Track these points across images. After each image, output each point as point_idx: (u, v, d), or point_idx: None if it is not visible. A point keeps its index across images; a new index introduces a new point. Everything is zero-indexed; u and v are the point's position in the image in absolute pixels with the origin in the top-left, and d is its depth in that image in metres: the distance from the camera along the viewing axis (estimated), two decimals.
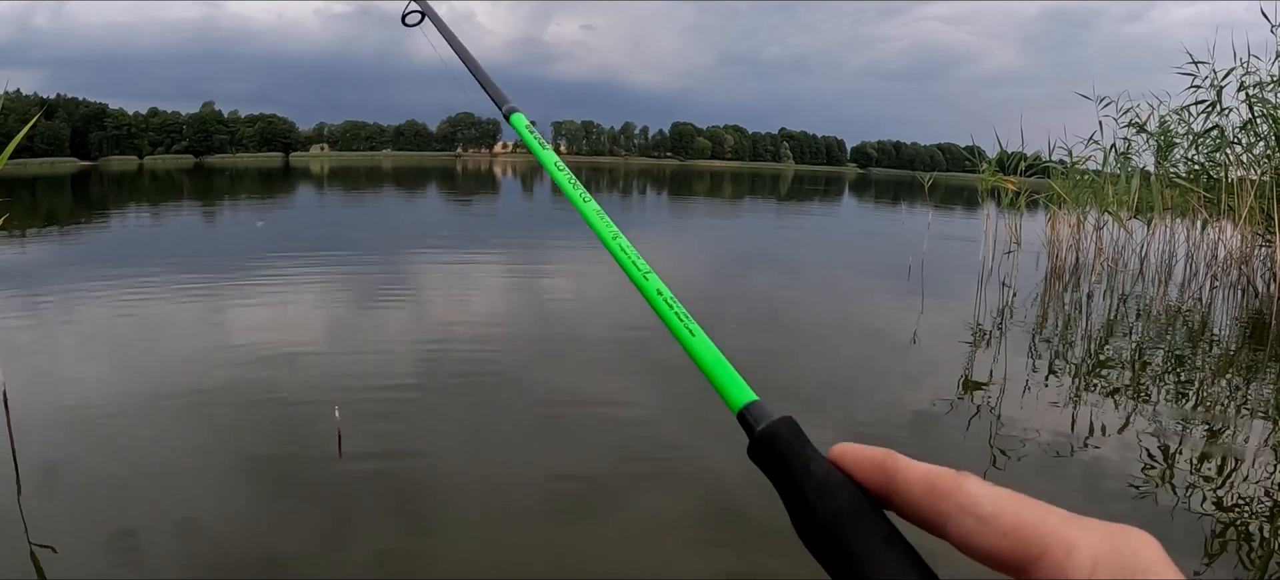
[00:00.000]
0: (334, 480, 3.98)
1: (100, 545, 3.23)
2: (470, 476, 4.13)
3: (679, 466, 4.29)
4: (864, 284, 11.66)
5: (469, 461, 4.32)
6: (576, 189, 0.90)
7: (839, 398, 5.69)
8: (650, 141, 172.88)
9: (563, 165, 0.93)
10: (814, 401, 5.57)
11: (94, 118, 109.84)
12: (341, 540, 3.35)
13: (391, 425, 4.76)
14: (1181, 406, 5.69)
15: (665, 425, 4.85)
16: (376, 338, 6.98)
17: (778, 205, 32.37)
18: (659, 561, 3.28)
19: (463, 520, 3.62)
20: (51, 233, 15.93)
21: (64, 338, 6.88)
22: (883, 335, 7.84)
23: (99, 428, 4.57)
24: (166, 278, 9.69)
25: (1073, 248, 12.65)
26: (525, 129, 1.00)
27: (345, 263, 11.70)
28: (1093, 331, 8.15)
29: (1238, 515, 3.84)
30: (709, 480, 4.07)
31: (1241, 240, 11.22)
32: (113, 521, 3.42)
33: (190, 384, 5.39)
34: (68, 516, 3.50)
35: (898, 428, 4.94)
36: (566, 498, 3.87)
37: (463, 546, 3.36)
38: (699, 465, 4.28)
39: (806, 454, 0.58)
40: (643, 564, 3.27)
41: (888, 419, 5.13)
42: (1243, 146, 11.85)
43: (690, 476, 4.17)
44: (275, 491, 3.86)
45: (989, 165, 13.09)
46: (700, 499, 3.89)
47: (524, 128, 1.01)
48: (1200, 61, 12.11)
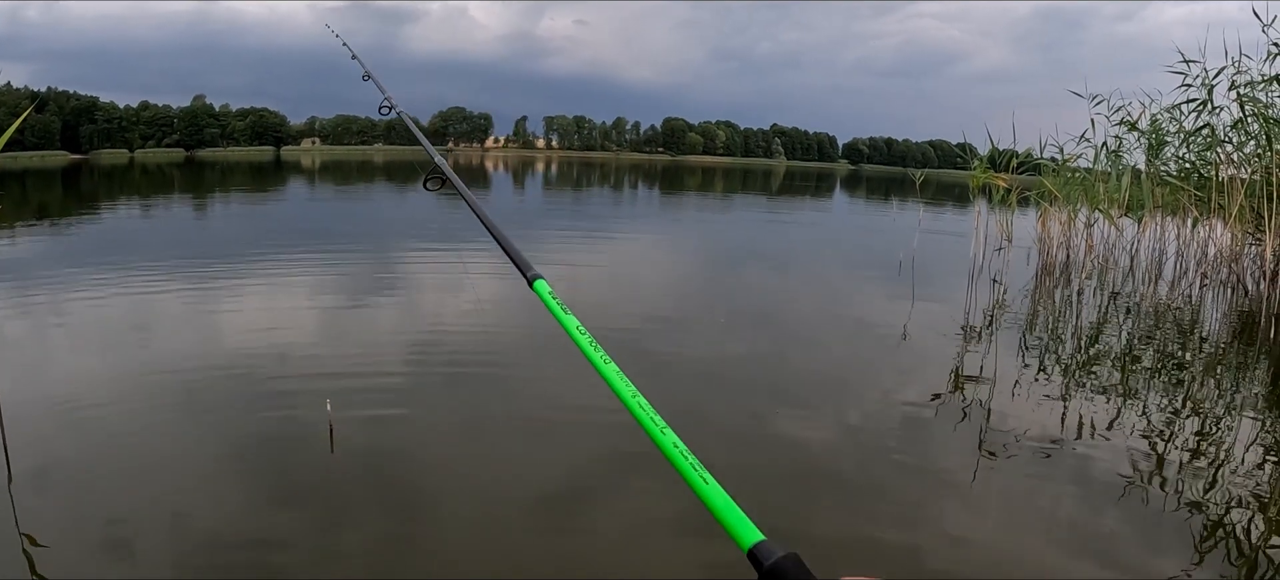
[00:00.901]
0: (326, 475, 3.97)
1: (91, 540, 3.22)
2: (463, 472, 4.12)
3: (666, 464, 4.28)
4: (855, 280, 11.69)
5: (462, 457, 4.31)
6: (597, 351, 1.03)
7: (830, 395, 5.70)
8: (642, 137, 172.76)
9: (584, 329, 1.09)
10: (804, 399, 5.58)
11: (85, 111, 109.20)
12: (334, 534, 3.34)
13: (384, 420, 4.76)
14: (1171, 404, 5.71)
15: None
16: (368, 332, 6.97)
17: (769, 201, 32.39)
18: (652, 557, 3.29)
19: (455, 516, 3.61)
20: (41, 226, 15.86)
21: (54, 332, 6.84)
22: (873, 332, 7.85)
23: (89, 422, 4.55)
24: (156, 272, 9.65)
25: (1063, 245, 12.68)
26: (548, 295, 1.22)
27: (336, 256, 11.69)
28: (1083, 329, 8.17)
29: (1227, 513, 3.85)
30: None
31: (1232, 238, 11.26)
32: (103, 517, 3.41)
33: (181, 378, 5.37)
34: (58, 511, 3.48)
35: (888, 426, 4.95)
36: (559, 494, 3.87)
37: (455, 542, 3.36)
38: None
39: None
40: (636, 560, 3.27)
41: (878, 417, 5.13)
42: (1233, 145, 11.89)
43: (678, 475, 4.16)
44: (266, 486, 3.85)
45: (980, 162, 13.10)
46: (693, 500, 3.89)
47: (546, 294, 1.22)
48: (1191, 60, 12.15)
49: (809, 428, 4.90)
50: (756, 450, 4.46)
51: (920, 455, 4.51)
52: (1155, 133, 13.09)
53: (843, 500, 3.92)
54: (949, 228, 18.59)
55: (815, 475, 4.20)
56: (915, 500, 3.92)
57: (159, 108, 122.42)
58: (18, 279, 8.93)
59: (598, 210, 24.16)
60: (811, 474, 4.21)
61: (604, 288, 9.55)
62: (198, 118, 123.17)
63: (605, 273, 10.72)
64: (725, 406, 5.21)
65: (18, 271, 9.52)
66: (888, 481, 4.14)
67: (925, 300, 9.26)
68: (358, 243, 13.91)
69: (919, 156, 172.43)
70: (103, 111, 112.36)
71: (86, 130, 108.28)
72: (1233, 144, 11.89)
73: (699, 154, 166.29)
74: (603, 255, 12.86)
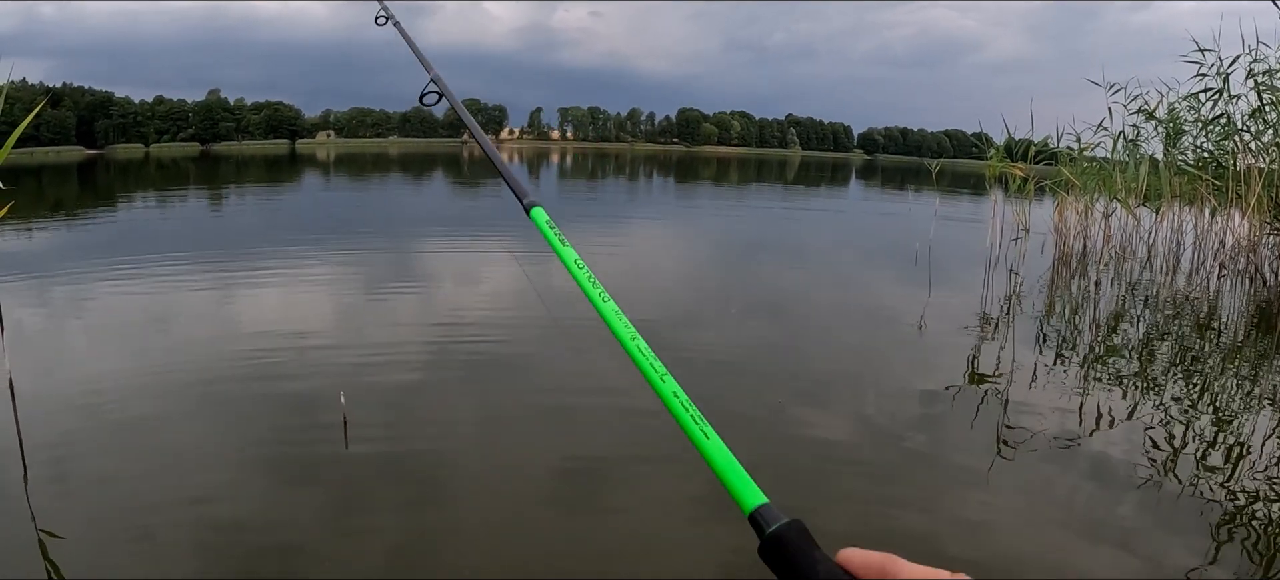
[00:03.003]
0: (341, 466, 3.98)
1: (108, 534, 3.24)
2: (479, 462, 4.13)
3: (686, 450, 4.28)
4: (871, 270, 11.65)
5: (477, 447, 4.33)
6: (596, 288, 0.96)
7: (846, 385, 5.68)
8: (657, 127, 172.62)
9: (582, 263, 1.00)
10: (820, 389, 5.57)
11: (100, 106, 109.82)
12: (351, 521, 3.35)
13: (398, 412, 4.78)
14: (1189, 396, 5.68)
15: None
16: (385, 324, 6.97)
17: (784, 190, 32.32)
18: (668, 544, 3.29)
19: (471, 506, 3.62)
20: (57, 221, 15.97)
21: (71, 326, 6.90)
22: (890, 322, 7.83)
23: (106, 416, 4.58)
24: (173, 265, 9.71)
25: (1080, 234, 12.60)
26: (545, 224, 1.10)
27: (352, 249, 11.72)
28: (1100, 320, 8.13)
29: (1244, 506, 3.82)
30: None
31: (1249, 229, 11.16)
32: (120, 510, 3.44)
33: (197, 371, 5.41)
34: (75, 504, 3.51)
35: (905, 417, 4.93)
36: (574, 482, 3.88)
37: (471, 532, 3.37)
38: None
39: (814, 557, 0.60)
40: (652, 547, 3.27)
41: (895, 408, 5.12)
42: (1251, 134, 11.79)
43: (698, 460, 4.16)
44: (284, 476, 3.87)
45: (996, 151, 13.02)
46: (708, 482, 3.89)
47: (543, 223, 1.11)
48: (1206, 49, 12.05)
49: (826, 417, 4.89)
50: (772, 439, 4.45)
51: (937, 445, 4.50)
52: (1172, 121, 12.98)
53: (859, 489, 3.91)
54: (965, 217, 18.50)
55: (831, 464, 4.19)
56: (932, 490, 3.91)
57: (174, 102, 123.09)
58: (35, 273, 8.99)
59: (613, 200, 24.14)
60: (828, 463, 4.20)
61: (622, 279, 9.54)
62: (212, 112, 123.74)
63: (622, 261, 10.69)
64: (741, 395, 5.20)
65: (35, 266, 9.57)
66: (904, 471, 4.13)
67: (942, 290, 9.23)
68: (373, 234, 13.93)
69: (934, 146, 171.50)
70: (118, 106, 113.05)
71: (102, 125, 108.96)
72: (1250, 133, 11.79)
73: (714, 144, 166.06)
74: (618, 244, 12.84)
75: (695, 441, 0.73)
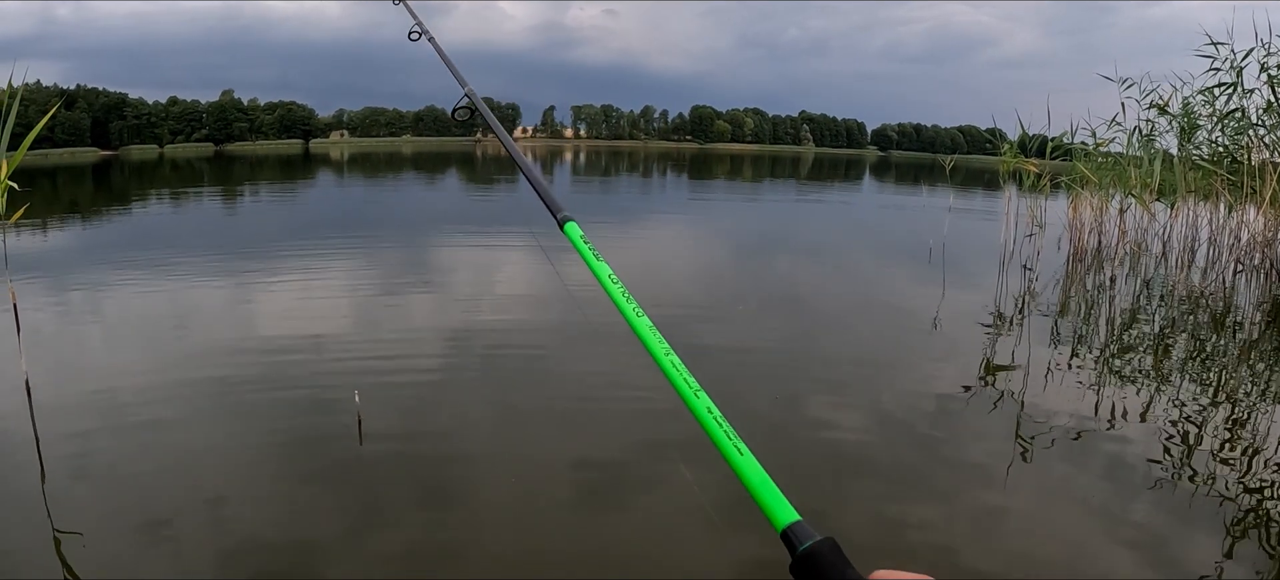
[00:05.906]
0: (357, 464, 4.00)
1: (124, 533, 3.26)
2: (495, 460, 4.14)
3: (704, 450, 4.28)
4: (885, 266, 11.62)
5: (494, 445, 4.34)
6: (629, 303, 0.96)
7: (861, 383, 5.67)
8: (670, 125, 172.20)
9: (617, 279, 1.01)
10: (836, 387, 5.56)
11: (114, 107, 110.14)
12: (367, 522, 3.36)
13: (413, 410, 4.79)
14: (1204, 392, 5.65)
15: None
16: (401, 322, 6.99)
17: (798, 187, 32.26)
18: (684, 546, 3.28)
19: (487, 506, 3.63)
20: (73, 221, 16.06)
21: (87, 326, 6.94)
22: (905, 319, 7.80)
23: (122, 415, 4.62)
24: (187, 265, 9.75)
25: (1095, 230, 12.52)
26: (579, 239, 1.14)
27: (367, 246, 11.75)
28: (1115, 316, 8.09)
29: (1261, 501, 3.81)
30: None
31: (1265, 224, 11.08)
32: (136, 509, 3.46)
33: (212, 370, 5.43)
34: (92, 504, 3.53)
35: (921, 416, 4.92)
36: (592, 483, 3.89)
37: (488, 532, 3.38)
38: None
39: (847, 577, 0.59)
40: (668, 549, 3.27)
41: (911, 407, 5.10)
42: (1266, 129, 11.70)
43: (715, 460, 4.15)
44: (300, 475, 3.89)
45: (1010, 147, 12.95)
46: (724, 484, 3.88)
47: (578, 238, 1.14)
48: (1219, 43, 11.96)
49: (842, 415, 4.88)
50: (789, 436, 4.46)
51: (954, 442, 4.49)
52: (1187, 116, 12.89)
53: (876, 487, 3.90)
54: (980, 212, 18.42)
55: (849, 462, 4.19)
56: (950, 492, 3.90)
57: (187, 103, 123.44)
58: (51, 274, 9.04)
59: (627, 197, 24.11)
60: (845, 460, 4.20)
61: (640, 276, 9.53)
62: (226, 112, 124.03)
63: (640, 262, 10.68)
64: (757, 392, 5.20)
65: (50, 267, 9.63)
66: (921, 468, 4.12)
67: (956, 287, 9.21)
68: (388, 233, 13.95)
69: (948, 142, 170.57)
70: (132, 107, 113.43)
71: (116, 126, 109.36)
72: (1265, 128, 11.71)
73: (727, 141, 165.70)
74: (634, 241, 12.82)
75: (728, 458, 0.74)
